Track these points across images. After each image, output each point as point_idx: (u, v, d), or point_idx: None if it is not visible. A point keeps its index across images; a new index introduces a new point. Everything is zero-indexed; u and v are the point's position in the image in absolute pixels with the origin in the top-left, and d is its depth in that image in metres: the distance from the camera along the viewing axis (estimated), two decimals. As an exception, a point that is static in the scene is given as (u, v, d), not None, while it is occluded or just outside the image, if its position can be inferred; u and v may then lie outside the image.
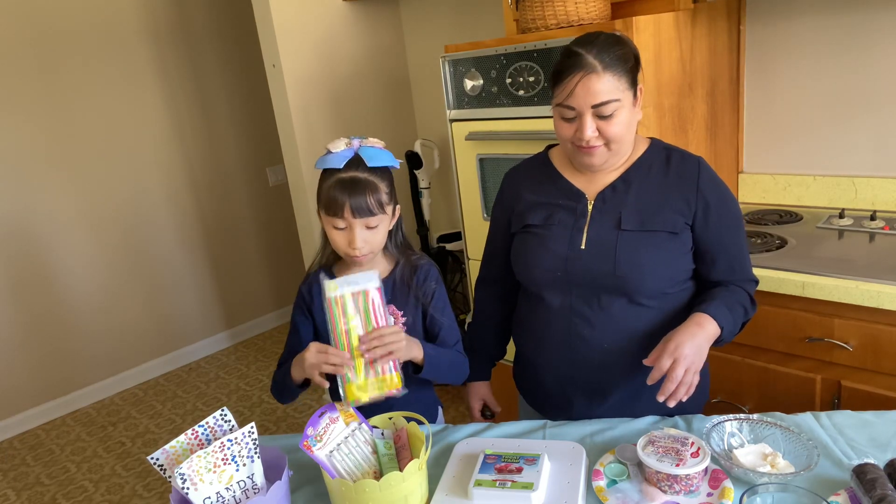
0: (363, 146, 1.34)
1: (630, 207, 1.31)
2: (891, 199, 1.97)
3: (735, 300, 1.31)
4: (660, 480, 1.09)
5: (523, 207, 1.41)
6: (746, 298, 1.34)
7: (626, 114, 1.26)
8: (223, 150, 3.87)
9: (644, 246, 1.29)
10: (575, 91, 1.23)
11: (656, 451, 1.12)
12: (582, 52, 1.23)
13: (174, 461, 1.13)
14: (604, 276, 1.30)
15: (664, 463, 1.08)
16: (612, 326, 1.32)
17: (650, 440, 1.15)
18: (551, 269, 1.34)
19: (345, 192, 1.29)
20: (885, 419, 1.22)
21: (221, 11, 3.74)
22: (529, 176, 1.45)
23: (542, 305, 1.39)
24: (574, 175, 1.38)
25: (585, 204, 1.35)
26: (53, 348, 3.38)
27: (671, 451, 1.11)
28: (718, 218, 1.31)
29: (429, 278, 1.42)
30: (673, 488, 1.08)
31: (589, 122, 1.24)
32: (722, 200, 1.33)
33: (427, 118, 3.25)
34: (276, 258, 4.19)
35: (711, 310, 1.25)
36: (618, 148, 1.29)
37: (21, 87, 3.13)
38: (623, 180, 1.34)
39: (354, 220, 1.30)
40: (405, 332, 1.38)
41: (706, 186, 1.31)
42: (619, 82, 1.23)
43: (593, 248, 1.31)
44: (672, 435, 1.15)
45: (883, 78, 1.93)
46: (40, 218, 3.27)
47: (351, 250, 1.32)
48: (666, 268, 1.30)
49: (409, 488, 1.09)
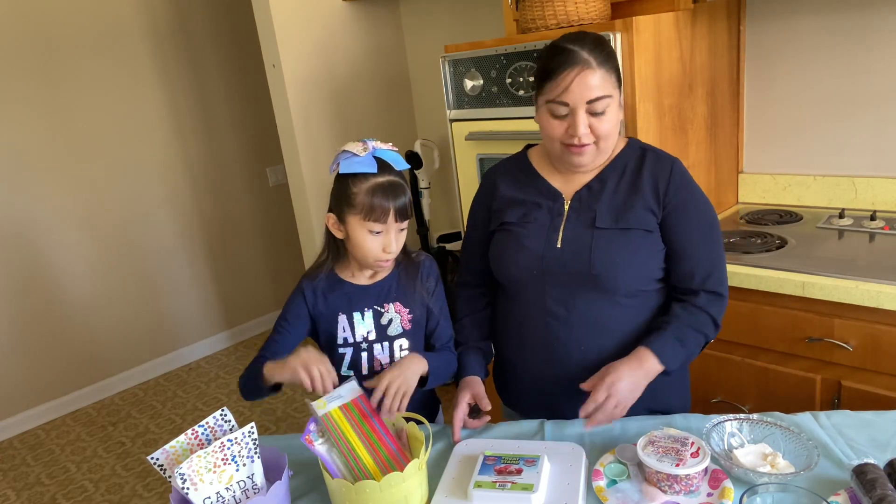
0: (378, 149, 1.33)
1: (604, 206, 1.32)
2: (891, 199, 1.97)
3: (690, 327, 1.29)
4: (660, 480, 1.09)
5: (501, 205, 1.42)
6: (707, 322, 1.31)
7: (615, 111, 1.27)
8: (223, 150, 3.87)
9: (618, 243, 1.29)
10: (571, 87, 1.23)
11: (656, 452, 1.12)
12: (575, 49, 1.23)
13: (174, 461, 1.13)
14: (579, 274, 1.31)
15: (664, 463, 1.09)
16: (589, 326, 1.33)
17: (650, 440, 1.15)
18: (527, 267, 1.35)
19: (388, 197, 1.29)
20: (885, 419, 1.22)
21: (221, 11, 3.74)
22: (508, 174, 1.46)
23: (519, 305, 1.40)
24: (552, 175, 1.40)
25: (562, 203, 1.36)
26: (53, 348, 3.38)
27: (671, 451, 1.11)
28: (686, 220, 1.31)
29: (431, 275, 1.46)
30: (673, 488, 1.08)
31: (582, 117, 1.25)
32: (692, 203, 1.32)
33: (427, 118, 3.25)
34: (276, 258, 4.19)
35: (657, 345, 1.26)
36: (605, 146, 1.30)
37: (21, 87, 3.13)
38: (599, 180, 1.35)
39: (395, 224, 1.32)
40: (411, 327, 1.42)
41: (676, 186, 1.31)
42: (610, 79, 1.25)
43: (569, 246, 1.32)
44: (672, 435, 1.15)
45: (883, 78, 1.93)
46: (40, 218, 3.27)
47: (385, 255, 1.33)
48: (641, 265, 1.31)
49: (409, 488, 1.09)
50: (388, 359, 1.42)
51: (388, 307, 1.42)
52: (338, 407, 1.19)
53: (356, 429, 1.18)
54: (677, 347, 1.28)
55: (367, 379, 1.30)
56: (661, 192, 1.31)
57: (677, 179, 1.32)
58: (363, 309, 1.41)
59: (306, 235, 3.01)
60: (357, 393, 1.22)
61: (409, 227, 1.39)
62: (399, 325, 1.42)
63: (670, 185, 1.31)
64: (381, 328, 1.42)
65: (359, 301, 1.42)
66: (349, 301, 1.41)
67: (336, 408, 1.19)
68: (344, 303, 1.41)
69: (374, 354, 1.42)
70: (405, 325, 1.42)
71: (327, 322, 1.42)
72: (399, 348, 1.43)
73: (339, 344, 1.42)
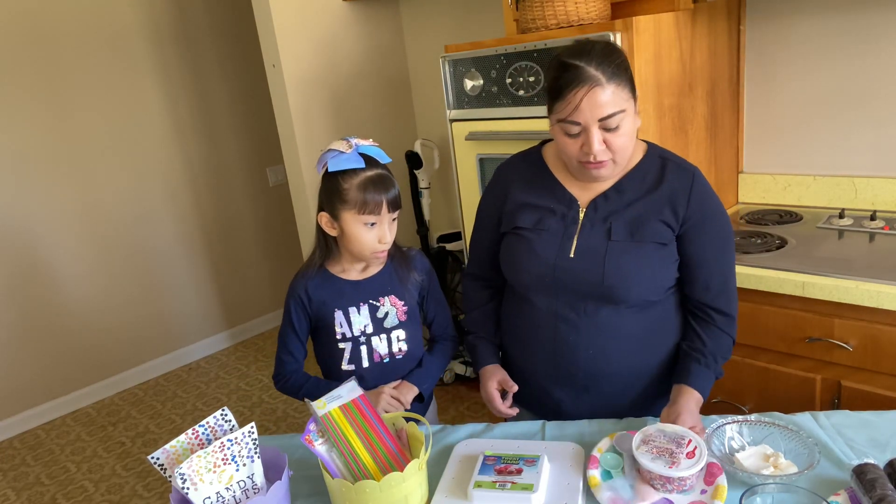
0: (361, 145, 1.36)
1: (620, 217, 1.30)
2: (891, 199, 1.97)
3: (717, 354, 1.33)
4: (653, 479, 1.09)
5: (513, 208, 1.39)
6: (729, 345, 1.37)
7: (630, 124, 1.24)
8: (223, 150, 3.87)
9: (633, 257, 1.28)
10: (580, 106, 1.19)
11: (650, 451, 1.11)
12: (581, 65, 1.19)
13: (174, 461, 1.13)
14: (591, 285, 1.29)
15: (657, 463, 1.08)
16: (598, 332, 1.32)
17: (645, 438, 1.14)
18: (539, 274, 1.33)
19: (379, 189, 1.34)
20: (884, 419, 1.22)
21: (221, 11, 3.74)
22: (522, 174, 1.42)
23: (528, 307, 1.39)
24: (567, 178, 1.36)
25: (577, 211, 1.33)
26: (53, 348, 3.38)
27: (665, 451, 1.10)
28: (705, 234, 1.30)
29: (422, 268, 1.54)
30: (665, 487, 1.08)
31: (596, 135, 1.21)
32: (711, 216, 1.31)
33: (427, 118, 3.25)
34: (275, 258, 4.19)
35: (699, 383, 1.29)
36: (622, 158, 1.27)
37: (21, 87, 3.13)
38: (616, 189, 1.32)
39: (388, 214, 1.36)
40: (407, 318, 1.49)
41: (697, 200, 1.29)
42: (622, 92, 1.20)
43: (582, 256, 1.30)
44: (668, 434, 1.14)
45: (883, 78, 1.93)
46: (40, 218, 3.27)
47: (382, 245, 1.38)
48: (653, 277, 1.30)
49: (409, 488, 1.09)
50: (386, 350, 1.48)
51: (383, 301, 1.47)
52: (338, 407, 1.19)
53: (356, 429, 1.18)
54: (710, 378, 1.32)
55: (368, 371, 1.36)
56: (682, 205, 1.28)
57: (698, 193, 1.29)
58: (358, 304, 1.45)
59: (306, 235, 3.01)
60: (357, 393, 1.22)
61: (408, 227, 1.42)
62: (395, 317, 1.48)
63: (691, 199, 1.29)
64: (378, 321, 1.46)
65: (353, 296, 1.45)
66: (343, 297, 1.45)
67: (336, 408, 1.19)
68: (338, 299, 1.45)
69: (374, 347, 1.46)
70: (401, 317, 1.48)
71: (324, 319, 1.45)
72: (397, 339, 1.49)
73: (337, 339, 1.45)
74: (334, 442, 1.15)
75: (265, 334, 4.17)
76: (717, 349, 1.33)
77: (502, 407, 1.39)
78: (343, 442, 1.15)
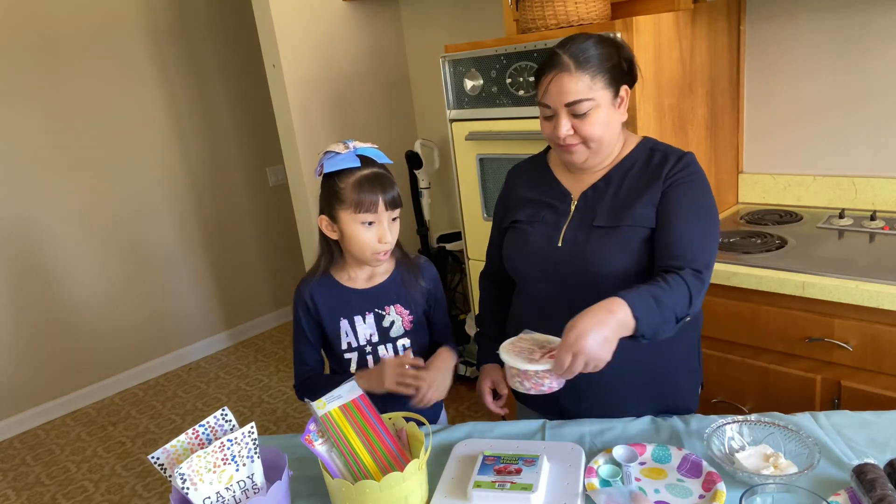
0: (359, 147, 1.36)
1: (606, 205, 1.32)
2: (891, 199, 1.97)
3: (668, 291, 1.15)
4: (512, 376, 1.16)
5: (515, 204, 1.45)
6: (684, 294, 1.17)
7: (603, 114, 1.26)
8: (223, 150, 3.87)
9: (615, 241, 1.29)
10: (549, 89, 1.26)
11: (513, 350, 1.18)
12: (558, 52, 1.25)
13: (175, 461, 1.13)
14: (577, 272, 1.31)
15: (515, 359, 1.14)
16: None
17: (514, 342, 1.21)
18: (531, 264, 1.38)
19: (375, 186, 1.32)
20: (884, 419, 1.22)
21: (221, 11, 3.74)
22: (526, 174, 1.49)
23: (527, 298, 1.42)
24: (564, 174, 1.41)
25: (569, 203, 1.37)
26: (53, 348, 3.38)
27: (526, 351, 1.17)
28: (677, 198, 1.27)
29: (430, 277, 1.51)
30: (524, 385, 1.15)
31: (564, 120, 1.26)
32: (690, 185, 1.28)
33: (427, 118, 3.25)
34: (276, 258, 4.19)
35: (631, 296, 1.11)
36: (597, 147, 1.30)
37: (21, 86, 3.13)
38: (605, 180, 1.35)
39: (386, 213, 1.34)
40: (412, 327, 1.47)
41: (678, 169, 1.29)
42: (592, 82, 1.24)
43: (568, 245, 1.33)
44: (538, 340, 1.20)
45: (883, 78, 1.93)
46: (40, 218, 3.27)
47: (382, 245, 1.35)
48: (638, 262, 1.29)
49: (409, 488, 1.09)
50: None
51: (388, 310, 1.44)
52: (338, 407, 1.19)
53: (356, 429, 1.18)
54: (651, 303, 1.12)
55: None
56: (663, 176, 1.29)
57: (681, 165, 1.30)
58: (364, 313, 1.43)
59: (306, 235, 3.01)
60: (357, 393, 1.22)
61: (409, 227, 1.41)
62: (401, 326, 1.45)
63: (673, 168, 1.29)
64: (384, 330, 1.44)
65: (359, 305, 1.43)
66: (349, 305, 1.43)
67: (336, 408, 1.19)
68: (344, 307, 1.43)
69: (380, 356, 1.44)
70: (406, 326, 1.46)
71: (329, 327, 1.44)
72: (402, 347, 1.47)
73: (343, 349, 1.43)
74: (334, 442, 1.15)
75: (265, 334, 4.17)
76: (668, 286, 1.16)
77: (491, 405, 1.48)
78: (343, 442, 1.15)
